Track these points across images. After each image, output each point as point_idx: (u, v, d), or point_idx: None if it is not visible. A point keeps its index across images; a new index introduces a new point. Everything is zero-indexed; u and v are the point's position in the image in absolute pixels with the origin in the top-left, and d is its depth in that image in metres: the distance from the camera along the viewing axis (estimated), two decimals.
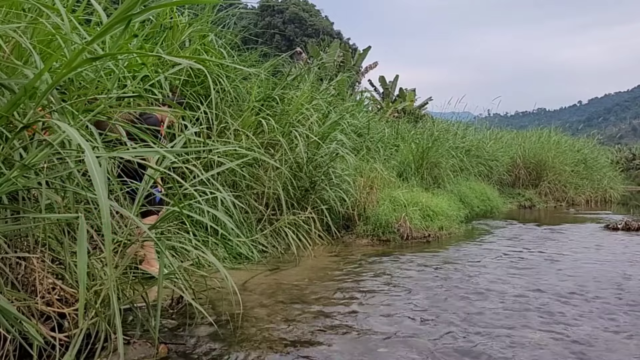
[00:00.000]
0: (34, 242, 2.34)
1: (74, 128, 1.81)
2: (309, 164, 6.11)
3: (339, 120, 7.05)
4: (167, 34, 5.24)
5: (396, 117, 15.13)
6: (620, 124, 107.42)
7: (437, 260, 5.37)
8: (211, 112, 4.85)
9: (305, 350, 2.74)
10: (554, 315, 3.43)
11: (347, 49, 20.83)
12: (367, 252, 6.00)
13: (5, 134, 2.11)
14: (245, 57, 6.48)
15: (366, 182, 7.14)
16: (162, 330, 2.86)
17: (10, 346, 2.05)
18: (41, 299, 2.21)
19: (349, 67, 17.09)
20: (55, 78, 1.98)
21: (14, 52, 2.44)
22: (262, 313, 3.39)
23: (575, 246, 6.62)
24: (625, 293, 4.04)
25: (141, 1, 1.85)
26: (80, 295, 1.52)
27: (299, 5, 44.80)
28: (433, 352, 2.74)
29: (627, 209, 14.23)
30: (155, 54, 3.55)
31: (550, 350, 2.78)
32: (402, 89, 20.33)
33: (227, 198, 3.23)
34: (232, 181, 5.32)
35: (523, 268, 5.07)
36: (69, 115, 2.27)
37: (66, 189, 2.36)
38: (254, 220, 5.41)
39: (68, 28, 2.13)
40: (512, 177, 14.73)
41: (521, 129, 19.21)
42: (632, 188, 23.27)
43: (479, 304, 3.68)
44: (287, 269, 4.82)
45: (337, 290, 4.06)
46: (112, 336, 2.28)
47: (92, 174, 1.61)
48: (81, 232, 1.66)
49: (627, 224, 8.23)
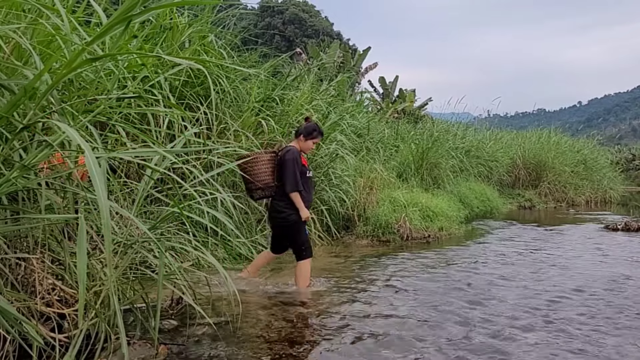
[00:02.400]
0: (34, 242, 2.34)
1: (73, 129, 1.81)
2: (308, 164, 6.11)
3: (339, 120, 7.05)
4: (166, 35, 5.24)
5: (396, 118, 15.14)
6: (620, 125, 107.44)
7: (437, 261, 5.37)
8: (211, 112, 4.85)
9: (305, 351, 2.74)
10: (554, 316, 3.43)
11: (347, 49, 20.85)
12: (367, 252, 6.00)
13: (5, 135, 2.11)
14: (245, 57, 6.49)
15: (366, 182, 7.14)
16: (162, 331, 2.86)
17: (10, 347, 2.05)
18: (41, 299, 2.21)
19: (348, 67, 17.11)
20: (55, 79, 1.98)
21: (14, 53, 2.45)
22: (262, 314, 3.39)
23: (575, 247, 6.62)
24: (625, 292, 4.04)
25: (141, 2, 1.85)
26: (80, 296, 1.52)
27: (299, 6, 44.81)
28: (433, 352, 2.74)
29: (627, 209, 14.23)
30: (155, 54, 3.56)
31: (551, 351, 2.78)
32: (402, 90, 20.35)
33: (227, 199, 3.23)
34: (231, 182, 5.32)
35: (523, 269, 5.06)
36: (69, 115, 2.26)
37: (66, 189, 2.36)
38: (253, 221, 5.41)
39: (68, 29, 2.13)
40: (512, 177, 14.73)
41: (521, 130, 19.22)
42: (631, 188, 23.26)
43: (479, 305, 3.68)
44: (287, 269, 4.81)
45: (336, 291, 4.06)
46: (111, 337, 2.28)
47: (91, 175, 1.61)
48: (81, 233, 1.66)
49: (627, 225, 8.24)
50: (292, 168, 3.88)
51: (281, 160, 3.95)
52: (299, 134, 4.11)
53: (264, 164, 3.93)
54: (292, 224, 3.96)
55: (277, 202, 3.98)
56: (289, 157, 3.90)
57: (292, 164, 3.88)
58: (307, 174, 4.05)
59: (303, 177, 3.96)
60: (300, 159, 3.99)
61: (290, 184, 3.88)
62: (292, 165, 3.88)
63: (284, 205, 3.95)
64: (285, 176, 3.89)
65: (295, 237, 4.03)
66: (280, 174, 3.94)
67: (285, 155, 3.93)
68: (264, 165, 3.93)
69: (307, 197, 4.01)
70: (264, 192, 3.97)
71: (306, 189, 3.99)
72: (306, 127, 4.10)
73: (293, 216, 3.94)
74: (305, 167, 4.05)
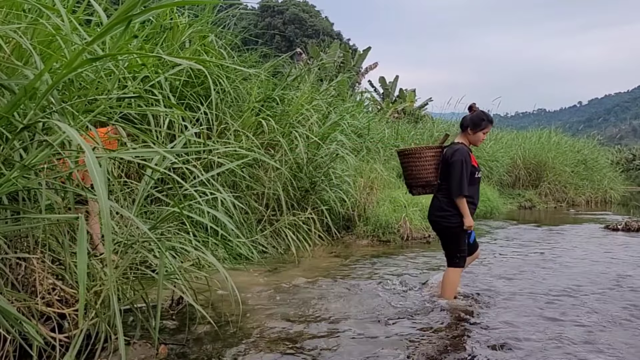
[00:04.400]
0: (34, 242, 2.34)
1: (74, 129, 1.81)
2: (309, 164, 6.11)
3: (339, 120, 7.05)
4: (167, 35, 5.24)
5: (396, 118, 15.14)
6: (620, 125, 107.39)
7: (437, 261, 5.37)
8: (211, 112, 4.85)
9: (305, 351, 2.74)
10: (554, 316, 3.43)
11: (347, 49, 20.84)
12: (367, 252, 6.00)
13: (6, 135, 2.11)
14: (246, 57, 6.48)
15: (366, 182, 7.14)
16: (162, 331, 2.86)
17: (10, 347, 2.05)
18: (41, 299, 2.21)
19: (349, 67, 17.11)
20: (55, 79, 1.98)
21: (14, 53, 2.45)
22: (262, 314, 3.39)
23: (576, 247, 6.62)
24: (624, 293, 4.04)
25: (141, 2, 1.85)
26: (80, 296, 1.52)
27: (299, 6, 44.83)
28: (433, 353, 2.74)
29: (627, 209, 14.23)
30: (155, 54, 3.55)
31: (550, 351, 2.78)
32: (402, 90, 20.36)
33: (227, 199, 3.23)
34: (232, 182, 5.32)
35: (523, 269, 5.06)
36: (69, 115, 2.26)
37: (66, 189, 2.36)
38: (254, 221, 5.41)
39: (68, 29, 2.13)
40: (512, 177, 14.73)
41: (521, 130, 19.21)
42: (632, 189, 23.28)
43: (480, 305, 3.68)
44: (287, 269, 4.82)
45: (336, 291, 4.05)
46: (112, 337, 2.28)
47: (92, 175, 1.61)
48: (81, 233, 1.66)
49: (627, 225, 8.23)
50: (459, 170, 3.47)
51: (448, 159, 3.56)
52: (465, 126, 3.65)
53: (427, 160, 3.62)
54: (452, 228, 3.57)
55: (441, 199, 3.62)
56: (457, 159, 3.50)
57: (460, 166, 3.48)
58: (476, 175, 3.61)
59: (472, 179, 3.55)
60: (470, 158, 3.56)
61: (456, 189, 3.48)
62: (460, 168, 3.48)
63: (447, 204, 3.57)
64: (452, 179, 3.50)
65: (451, 242, 3.64)
66: (445, 174, 3.59)
67: (453, 155, 3.53)
68: (427, 162, 3.62)
69: (474, 201, 3.61)
70: (425, 189, 3.70)
71: (473, 192, 3.59)
72: (472, 118, 3.62)
73: (455, 220, 3.54)
74: (476, 167, 3.61)
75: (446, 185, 3.59)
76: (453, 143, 3.69)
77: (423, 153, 3.64)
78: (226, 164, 3.79)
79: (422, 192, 3.76)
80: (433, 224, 3.77)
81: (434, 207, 3.70)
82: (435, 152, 3.66)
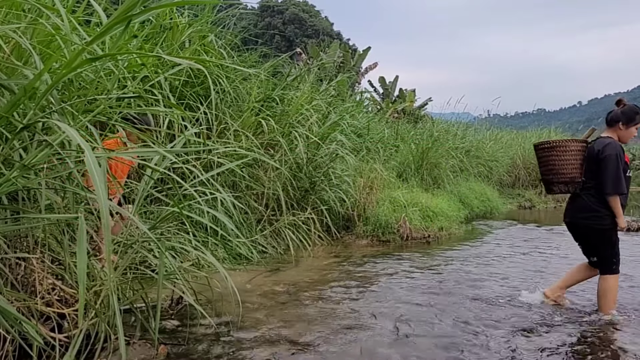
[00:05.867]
0: (34, 242, 2.34)
1: (73, 128, 1.80)
2: (308, 164, 6.11)
3: (339, 120, 7.05)
4: (166, 35, 5.24)
5: (396, 118, 15.15)
6: None
7: (437, 261, 5.37)
8: (211, 112, 4.85)
9: (305, 350, 2.74)
10: (554, 315, 3.43)
11: (347, 49, 20.84)
12: (367, 252, 6.00)
13: (5, 135, 2.11)
14: (245, 57, 6.48)
15: (366, 182, 7.14)
16: (162, 331, 2.86)
17: (10, 347, 2.05)
18: (41, 299, 2.21)
19: (348, 67, 17.12)
20: (55, 78, 1.98)
21: (14, 53, 2.44)
22: (262, 313, 3.39)
23: (576, 247, 6.60)
24: (626, 292, 4.04)
25: (141, 2, 1.85)
26: (80, 296, 1.52)
27: (299, 5, 44.84)
28: (433, 353, 2.74)
29: (627, 209, 14.22)
30: (155, 54, 3.55)
31: (551, 351, 2.78)
32: (402, 90, 20.36)
33: (227, 199, 3.23)
34: (231, 182, 5.32)
35: (524, 268, 5.07)
36: (68, 115, 2.27)
37: (66, 189, 2.36)
38: (253, 221, 5.41)
39: (68, 29, 2.13)
40: (512, 177, 14.72)
41: (521, 130, 19.20)
42: (632, 189, 23.28)
43: (479, 306, 3.68)
44: (287, 269, 4.82)
45: (336, 291, 4.06)
46: (111, 337, 2.28)
47: (91, 175, 1.61)
48: (81, 233, 1.66)
49: (627, 225, 8.22)
50: (615, 165, 3.24)
51: (598, 154, 3.32)
52: (615, 121, 3.38)
53: (573, 155, 3.39)
54: (605, 229, 3.35)
55: (590, 199, 3.36)
56: (611, 153, 3.25)
57: (615, 161, 3.24)
58: (627, 173, 3.35)
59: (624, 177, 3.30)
60: (623, 154, 3.31)
61: (611, 185, 3.23)
62: (615, 162, 3.24)
63: (597, 204, 3.33)
64: (606, 175, 3.25)
65: (603, 245, 3.41)
66: (593, 171, 3.36)
67: (605, 149, 3.29)
68: (572, 157, 3.39)
69: (624, 202, 3.37)
70: (567, 187, 3.46)
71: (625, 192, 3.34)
72: (624, 112, 3.36)
73: (608, 220, 3.32)
74: (627, 165, 3.37)
75: (594, 184, 3.36)
76: (600, 137, 3.45)
77: (569, 146, 3.42)
78: (226, 164, 3.79)
79: (563, 190, 3.52)
80: (575, 227, 3.53)
81: (577, 207, 3.46)
82: (582, 146, 3.44)
